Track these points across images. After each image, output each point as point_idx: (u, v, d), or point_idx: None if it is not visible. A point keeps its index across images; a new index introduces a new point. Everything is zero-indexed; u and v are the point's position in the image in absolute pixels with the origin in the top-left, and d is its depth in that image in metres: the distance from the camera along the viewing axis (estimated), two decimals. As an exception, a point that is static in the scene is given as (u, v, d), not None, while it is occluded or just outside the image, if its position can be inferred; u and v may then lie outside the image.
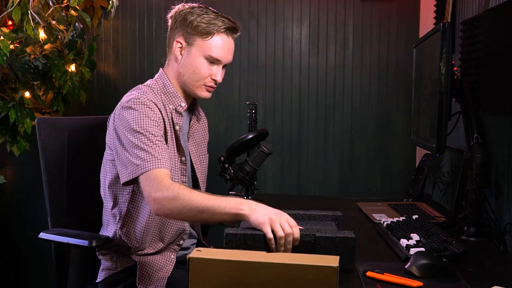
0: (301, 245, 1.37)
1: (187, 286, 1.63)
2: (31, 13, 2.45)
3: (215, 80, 1.72)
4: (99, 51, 2.92)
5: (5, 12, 2.47)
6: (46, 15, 2.51)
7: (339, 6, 2.86)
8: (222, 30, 1.68)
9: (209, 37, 1.67)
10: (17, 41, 2.48)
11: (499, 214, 1.75)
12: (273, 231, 1.37)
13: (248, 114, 2.26)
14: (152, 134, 1.58)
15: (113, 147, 1.66)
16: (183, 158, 1.74)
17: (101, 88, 2.94)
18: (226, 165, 1.94)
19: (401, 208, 2.12)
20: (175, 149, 1.72)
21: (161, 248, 1.75)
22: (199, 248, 1.17)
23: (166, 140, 1.68)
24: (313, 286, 1.10)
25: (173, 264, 1.74)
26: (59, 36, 2.60)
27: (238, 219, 1.45)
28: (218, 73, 1.71)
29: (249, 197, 2.15)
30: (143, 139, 1.57)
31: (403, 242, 1.53)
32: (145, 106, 1.62)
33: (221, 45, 1.69)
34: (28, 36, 2.46)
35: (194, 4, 1.73)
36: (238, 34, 1.75)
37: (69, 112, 2.79)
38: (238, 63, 2.90)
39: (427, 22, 2.73)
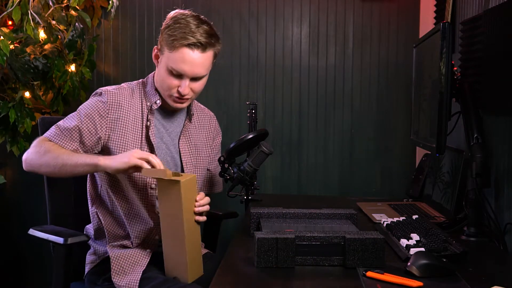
0: (331, 247, 1.40)
1: (161, 282, 1.63)
2: (31, 13, 2.45)
3: (180, 92, 1.69)
4: (99, 51, 2.92)
5: (5, 12, 2.47)
6: (46, 15, 2.51)
7: (339, 6, 2.86)
8: (186, 44, 1.63)
9: (173, 50, 1.65)
10: (17, 41, 2.48)
11: (499, 214, 1.75)
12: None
13: (248, 114, 2.26)
14: (79, 120, 1.70)
15: None
16: (154, 154, 1.74)
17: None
18: (226, 165, 1.93)
19: (401, 208, 2.12)
20: (145, 144, 1.76)
21: (136, 244, 1.78)
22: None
23: (124, 132, 1.72)
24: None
25: (149, 258, 1.76)
26: (59, 36, 2.60)
27: (97, 170, 1.65)
28: (183, 86, 1.68)
29: (249, 197, 2.14)
30: (69, 118, 1.74)
31: (403, 242, 1.53)
32: (101, 98, 1.73)
33: (182, 59, 1.65)
34: (28, 36, 2.46)
35: (186, 12, 1.70)
36: (210, 49, 1.68)
37: (69, 112, 2.75)
38: (238, 63, 2.90)
39: (427, 22, 2.73)
